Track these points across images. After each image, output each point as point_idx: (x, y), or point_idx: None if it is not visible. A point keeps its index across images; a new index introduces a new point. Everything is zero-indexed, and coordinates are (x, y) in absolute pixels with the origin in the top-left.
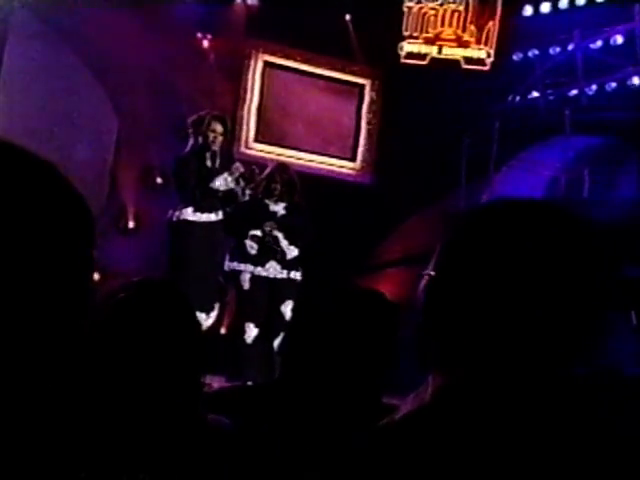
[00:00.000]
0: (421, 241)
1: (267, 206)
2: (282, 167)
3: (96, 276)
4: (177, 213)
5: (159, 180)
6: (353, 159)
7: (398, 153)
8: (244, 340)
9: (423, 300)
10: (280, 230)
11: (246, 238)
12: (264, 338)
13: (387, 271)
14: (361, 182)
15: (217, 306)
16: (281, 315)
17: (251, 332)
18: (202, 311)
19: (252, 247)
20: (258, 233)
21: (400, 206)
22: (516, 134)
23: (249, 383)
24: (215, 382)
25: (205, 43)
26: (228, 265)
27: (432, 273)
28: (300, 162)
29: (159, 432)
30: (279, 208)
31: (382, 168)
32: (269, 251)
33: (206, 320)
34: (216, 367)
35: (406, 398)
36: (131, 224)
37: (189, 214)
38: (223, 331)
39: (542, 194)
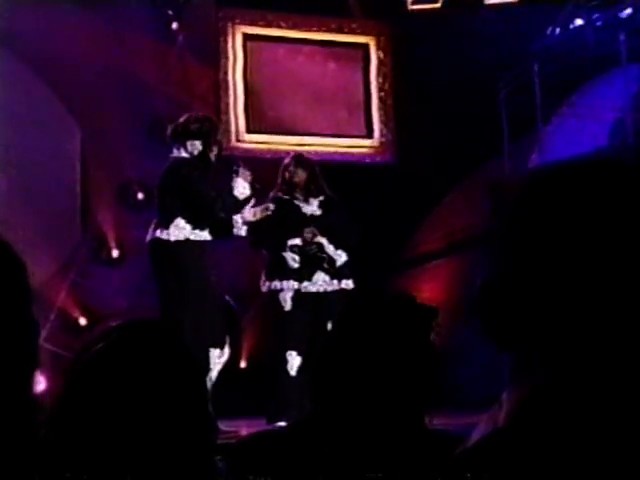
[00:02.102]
0: (464, 222)
1: (298, 208)
2: (301, 158)
3: (82, 321)
4: (165, 231)
5: (140, 196)
6: (369, 136)
7: (421, 121)
8: (286, 372)
9: (482, 299)
10: (323, 234)
11: (283, 250)
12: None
13: (429, 265)
14: (382, 162)
15: (228, 338)
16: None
17: (294, 362)
18: (215, 347)
19: (294, 259)
20: (298, 242)
21: (432, 184)
22: (562, 75)
23: (282, 424)
24: (249, 427)
25: (170, 24)
26: (267, 285)
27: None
28: (305, 149)
29: None
30: (313, 208)
31: (405, 142)
32: (315, 261)
33: (220, 357)
34: (248, 408)
35: (478, 424)
36: (115, 253)
37: (186, 231)
38: (243, 365)
39: (606, 143)
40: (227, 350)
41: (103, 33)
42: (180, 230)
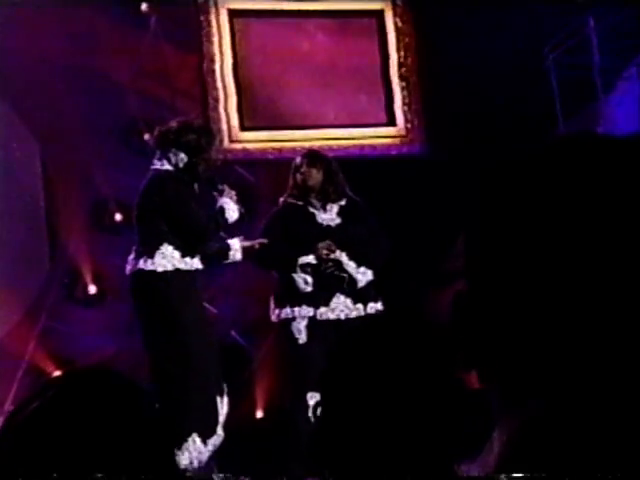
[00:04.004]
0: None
1: (313, 216)
2: (314, 155)
3: (56, 373)
4: (150, 260)
5: (118, 217)
6: (391, 123)
7: (453, 101)
8: (308, 420)
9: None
10: (342, 248)
11: (294, 271)
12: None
13: None
14: (409, 153)
15: (225, 385)
16: None
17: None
18: (217, 394)
19: (306, 281)
20: (311, 260)
21: (471, 176)
22: (626, 28)
23: None
24: None
25: (139, 5)
26: (276, 313)
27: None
28: (314, 145)
29: None
30: (331, 216)
31: (435, 127)
32: (332, 282)
33: (221, 407)
34: (266, 469)
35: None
36: (92, 289)
37: (175, 260)
38: (260, 414)
39: None
40: (226, 400)
41: (57, 23)
42: (168, 259)
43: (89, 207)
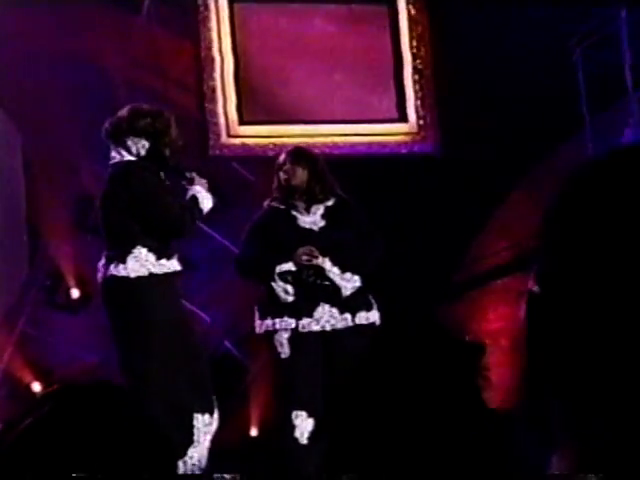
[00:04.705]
0: (535, 227)
1: (294, 220)
2: (299, 152)
3: (36, 387)
4: (122, 265)
5: None
6: (402, 119)
7: (470, 96)
8: (295, 441)
9: (528, 331)
10: (325, 252)
11: (272, 280)
12: (324, 432)
13: (490, 286)
14: (421, 151)
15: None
16: None
17: (304, 425)
18: (200, 412)
19: (286, 291)
20: (290, 267)
21: (490, 178)
22: None
23: None
24: None
25: None
26: (259, 324)
27: (535, 289)
28: (319, 141)
29: None
30: (315, 218)
31: (449, 124)
32: (315, 291)
33: (209, 424)
34: None
35: None
36: (75, 293)
37: (149, 263)
38: (254, 432)
39: None
40: (216, 415)
41: (41, 5)
42: (141, 262)
43: (73, 205)
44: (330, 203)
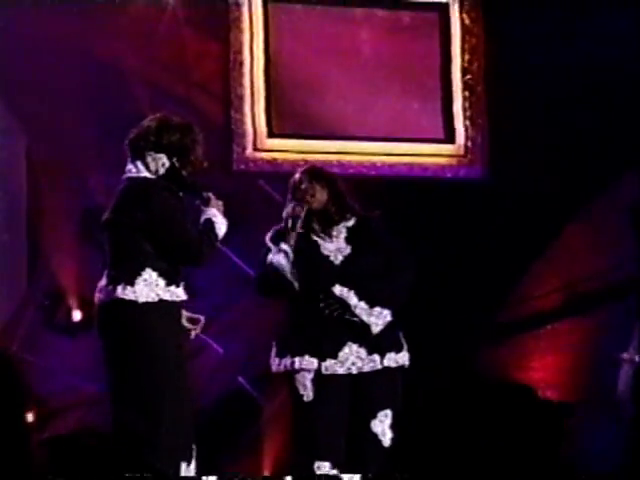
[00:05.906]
0: (592, 266)
1: (316, 246)
2: (315, 172)
3: (29, 417)
4: (130, 288)
5: None
6: (449, 139)
7: (525, 117)
8: None
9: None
10: (348, 284)
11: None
12: None
13: (540, 330)
14: (467, 177)
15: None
16: (374, 438)
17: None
18: (187, 460)
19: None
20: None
21: (542, 210)
22: None
23: None
24: None
25: None
26: (276, 363)
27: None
28: (355, 160)
29: None
30: (338, 245)
31: (501, 148)
32: (340, 328)
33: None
34: None
35: None
36: (76, 315)
37: (159, 288)
38: None
39: None
40: (193, 465)
41: (56, 7)
42: (151, 287)
43: (79, 215)
44: (351, 224)
